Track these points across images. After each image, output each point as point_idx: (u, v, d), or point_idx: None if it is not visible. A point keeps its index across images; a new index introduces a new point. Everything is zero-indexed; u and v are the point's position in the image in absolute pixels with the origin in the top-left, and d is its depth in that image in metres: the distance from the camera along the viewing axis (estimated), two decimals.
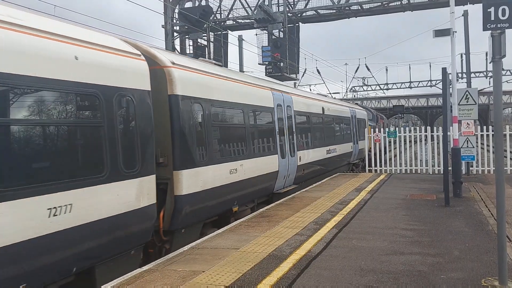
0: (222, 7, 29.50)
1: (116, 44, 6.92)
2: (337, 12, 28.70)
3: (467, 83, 22.90)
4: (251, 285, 5.58)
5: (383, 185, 14.85)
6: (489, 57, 5.81)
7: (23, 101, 5.19)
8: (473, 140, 13.86)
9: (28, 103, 5.26)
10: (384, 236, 8.00)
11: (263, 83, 13.39)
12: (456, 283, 5.54)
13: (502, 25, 5.60)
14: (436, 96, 68.09)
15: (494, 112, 5.85)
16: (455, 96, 12.70)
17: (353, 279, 5.74)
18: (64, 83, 5.62)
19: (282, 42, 27.44)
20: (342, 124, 21.53)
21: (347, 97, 57.91)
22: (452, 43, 12.79)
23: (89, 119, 6.12)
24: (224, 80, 10.27)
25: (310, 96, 18.39)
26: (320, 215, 9.85)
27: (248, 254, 6.91)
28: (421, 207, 10.81)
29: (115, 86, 6.52)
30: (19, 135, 5.11)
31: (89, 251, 5.91)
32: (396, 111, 65.52)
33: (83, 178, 5.79)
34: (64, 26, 6.10)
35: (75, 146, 5.83)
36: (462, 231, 8.27)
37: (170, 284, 5.64)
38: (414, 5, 27.30)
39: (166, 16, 26.20)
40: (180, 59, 8.87)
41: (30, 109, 5.27)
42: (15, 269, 4.88)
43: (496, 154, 5.73)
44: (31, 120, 5.25)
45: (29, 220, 5.02)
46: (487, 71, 57.81)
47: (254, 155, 11.18)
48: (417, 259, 6.58)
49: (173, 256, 7.00)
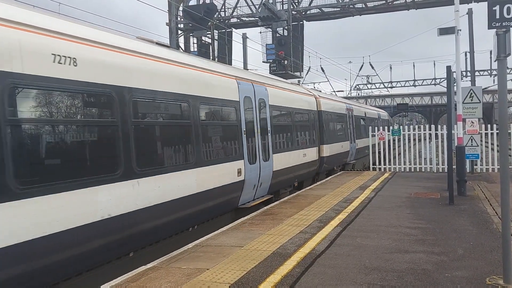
0: (226, 5, 29.53)
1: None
2: (341, 10, 28.68)
3: (471, 81, 22.90)
4: (255, 283, 5.60)
5: (387, 183, 14.83)
6: (494, 55, 5.80)
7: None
8: (477, 139, 13.83)
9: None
10: (388, 234, 8.00)
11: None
12: (461, 281, 5.54)
13: (507, 24, 5.60)
14: (440, 95, 67.94)
15: (499, 110, 5.83)
16: (460, 94, 12.68)
17: (357, 277, 5.74)
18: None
19: (286, 40, 27.44)
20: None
21: (351, 95, 57.81)
22: (456, 41, 12.77)
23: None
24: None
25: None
26: (324, 213, 9.85)
27: (252, 252, 6.93)
28: (426, 205, 10.80)
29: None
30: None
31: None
32: (400, 109, 65.38)
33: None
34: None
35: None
36: (467, 230, 8.26)
37: (175, 282, 5.66)
38: (419, 3, 27.24)
39: (171, 13, 26.20)
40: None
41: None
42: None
43: (500, 152, 5.72)
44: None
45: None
46: (491, 70, 57.72)
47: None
48: (422, 257, 6.58)
49: (177, 253, 7.03)
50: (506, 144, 5.70)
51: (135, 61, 7.24)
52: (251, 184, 11.00)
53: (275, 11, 26.37)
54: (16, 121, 5.16)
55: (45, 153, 5.50)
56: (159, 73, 7.77)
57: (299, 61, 29.49)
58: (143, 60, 7.43)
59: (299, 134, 15.16)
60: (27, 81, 5.27)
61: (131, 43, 7.51)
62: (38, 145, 5.44)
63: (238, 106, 10.61)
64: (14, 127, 5.08)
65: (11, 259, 4.92)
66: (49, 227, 5.36)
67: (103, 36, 6.79)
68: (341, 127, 21.26)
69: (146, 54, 7.58)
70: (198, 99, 8.81)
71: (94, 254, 6.08)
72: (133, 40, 7.80)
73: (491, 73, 58.27)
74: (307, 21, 30.35)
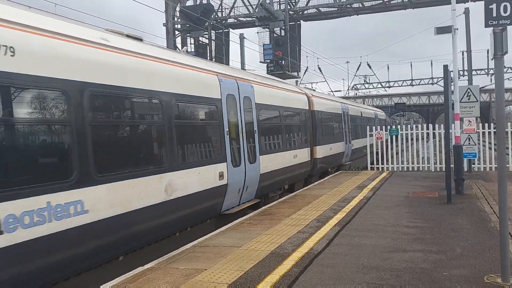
0: (223, 5, 29.52)
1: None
2: (338, 10, 28.71)
3: (468, 80, 22.90)
4: (254, 283, 5.58)
5: (385, 183, 14.84)
6: (490, 54, 5.81)
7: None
8: (475, 138, 13.85)
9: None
10: (386, 233, 8.00)
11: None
12: (459, 280, 5.54)
13: (504, 22, 5.61)
14: (437, 94, 67.97)
15: (497, 109, 5.84)
16: (457, 93, 12.69)
17: (355, 277, 5.74)
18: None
19: (284, 40, 27.43)
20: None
21: (348, 95, 57.88)
22: (453, 41, 12.78)
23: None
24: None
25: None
26: (323, 213, 9.85)
27: (250, 252, 6.92)
28: (423, 204, 10.81)
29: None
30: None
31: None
32: (398, 109, 65.46)
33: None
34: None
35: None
36: (464, 228, 8.27)
37: (173, 282, 5.65)
38: (415, 3, 27.29)
39: (168, 14, 26.19)
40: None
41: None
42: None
43: (498, 151, 5.72)
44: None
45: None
46: (488, 69, 57.85)
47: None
48: (420, 256, 6.58)
49: (175, 254, 7.01)
50: (504, 143, 5.71)
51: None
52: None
53: (272, 11, 26.38)
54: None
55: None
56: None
57: (296, 61, 29.49)
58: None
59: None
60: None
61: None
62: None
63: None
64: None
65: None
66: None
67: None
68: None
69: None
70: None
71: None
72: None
73: (488, 72, 58.40)
74: (304, 21, 30.37)
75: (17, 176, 5.18)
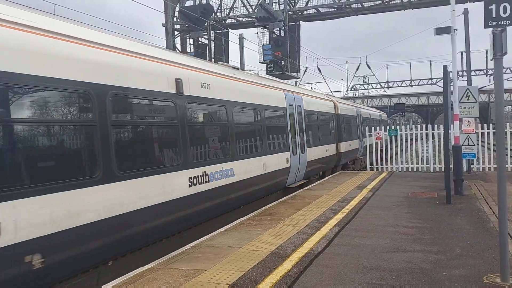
0: (222, 5, 29.48)
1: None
2: (337, 10, 28.66)
3: (467, 81, 22.88)
4: (254, 283, 5.60)
5: (384, 183, 14.86)
6: (490, 54, 5.81)
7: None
8: (474, 138, 13.87)
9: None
10: (386, 233, 8.01)
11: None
12: (459, 280, 5.56)
13: (504, 22, 5.62)
14: (436, 94, 68.02)
15: (496, 109, 5.85)
16: (456, 94, 12.70)
17: (355, 277, 5.75)
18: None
19: (283, 41, 27.41)
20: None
21: (348, 96, 57.91)
22: (452, 41, 12.79)
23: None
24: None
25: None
26: (322, 213, 9.86)
27: (250, 253, 6.93)
28: (423, 204, 10.82)
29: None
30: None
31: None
32: (397, 109, 65.50)
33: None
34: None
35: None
36: (464, 229, 8.29)
37: (173, 283, 5.66)
38: (415, 3, 27.25)
39: (167, 14, 26.17)
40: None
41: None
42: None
43: (498, 151, 5.73)
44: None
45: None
46: (487, 69, 57.82)
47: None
48: (419, 256, 6.59)
49: (175, 254, 7.02)
50: (503, 143, 5.72)
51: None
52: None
53: (272, 11, 26.35)
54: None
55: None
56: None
57: (296, 62, 29.48)
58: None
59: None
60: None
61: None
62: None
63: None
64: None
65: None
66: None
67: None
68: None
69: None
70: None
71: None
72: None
73: (487, 73, 58.38)
74: (303, 21, 30.32)
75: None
